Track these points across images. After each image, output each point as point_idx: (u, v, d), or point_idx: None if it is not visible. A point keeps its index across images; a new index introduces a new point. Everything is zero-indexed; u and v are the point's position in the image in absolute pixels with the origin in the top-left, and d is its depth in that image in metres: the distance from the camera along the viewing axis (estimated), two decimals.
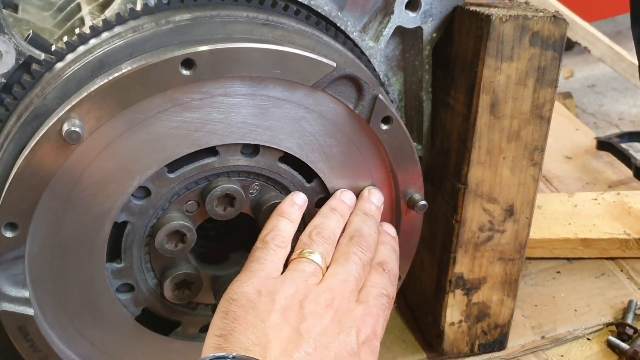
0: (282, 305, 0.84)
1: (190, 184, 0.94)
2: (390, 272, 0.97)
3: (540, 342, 1.31)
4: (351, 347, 0.84)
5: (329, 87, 0.91)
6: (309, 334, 0.82)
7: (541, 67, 1.06)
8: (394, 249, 1.02)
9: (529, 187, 1.14)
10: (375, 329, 0.89)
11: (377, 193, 1.03)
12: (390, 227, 1.06)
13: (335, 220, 0.98)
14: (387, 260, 0.98)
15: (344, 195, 1.01)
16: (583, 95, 2.79)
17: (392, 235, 1.04)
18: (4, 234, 0.84)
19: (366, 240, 0.96)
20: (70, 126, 0.78)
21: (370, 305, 0.90)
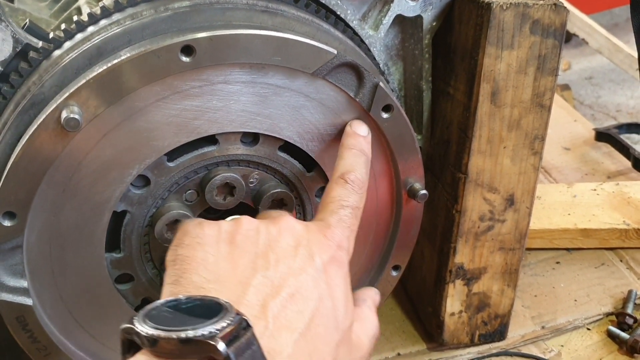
0: (229, 234, 0.78)
1: (189, 173, 0.93)
2: (354, 182, 0.88)
3: (541, 332, 1.31)
4: (314, 266, 0.76)
5: (329, 75, 0.90)
6: (265, 259, 0.75)
7: (542, 56, 1.05)
8: (362, 151, 0.93)
9: (530, 176, 1.14)
10: (339, 242, 0.81)
11: (360, 124, 0.95)
12: (360, 125, 0.96)
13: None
14: (349, 170, 0.89)
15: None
16: (580, 87, 2.79)
17: (361, 134, 0.95)
18: (2, 223, 0.83)
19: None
20: (69, 113, 0.77)
21: (329, 221, 0.83)
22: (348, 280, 0.81)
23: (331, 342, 0.73)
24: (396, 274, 1.13)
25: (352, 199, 0.87)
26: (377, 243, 1.11)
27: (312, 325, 0.71)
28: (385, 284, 1.14)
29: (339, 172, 0.89)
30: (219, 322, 0.60)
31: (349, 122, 0.95)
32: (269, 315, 0.68)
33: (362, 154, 0.92)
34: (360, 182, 0.89)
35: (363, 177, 0.90)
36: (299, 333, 0.69)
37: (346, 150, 0.92)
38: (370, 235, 1.09)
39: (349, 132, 0.94)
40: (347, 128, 0.95)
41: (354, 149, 0.92)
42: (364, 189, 0.90)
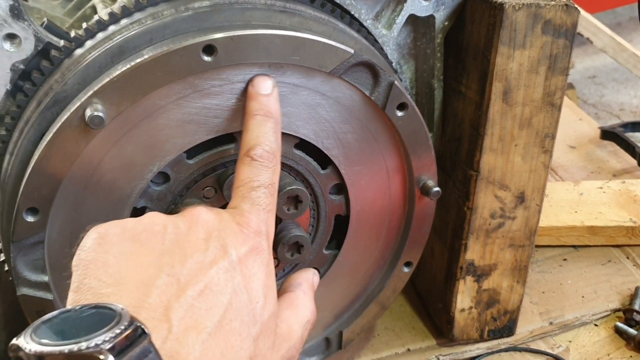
0: (133, 232, 0.72)
1: (207, 170, 0.95)
2: (262, 157, 0.81)
3: (549, 328, 1.33)
4: (227, 258, 0.71)
5: (345, 74, 0.92)
6: (171, 255, 0.69)
7: (553, 55, 1.07)
8: (268, 113, 0.84)
9: (540, 174, 1.16)
10: (256, 229, 0.75)
11: (262, 80, 0.86)
12: (262, 81, 0.86)
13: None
14: (255, 143, 0.81)
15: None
16: (584, 87, 2.80)
17: (263, 93, 0.86)
18: (26, 218, 0.85)
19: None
20: (93, 111, 0.79)
21: (242, 208, 0.77)
22: (270, 266, 0.75)
23: (248, 336, 0.69)
24: (408, 270, 1.15)
25: (263, 176, 0.80)
26: (389, 239, 1.12)
27: (225, 321, 0.67)
28: (397, 280, 1.16)
29: (245, 149, 0.82)
30: (108, 332, 0.55)
31: (252, 78, 0.85)
32: (172, 317, 0.63)
33: (268, 118, 0.84)
34: (269, 155, 0.81)
35: (272, 146, 0.82)
36: (208, 332, 0.64)
37: (250, 118, 0.84)
38: (382, 231, 1.11)
39: (251, 93, 0.85)
40: (249, 88, 0.86)
41: (258, 114, 0.84)
42: (275, 160, 0.82)
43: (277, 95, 0.87)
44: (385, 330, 1.36)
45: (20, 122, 0.90)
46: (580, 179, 1.75)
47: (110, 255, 0.69)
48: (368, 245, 1.12)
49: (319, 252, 1.10)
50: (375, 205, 1.08)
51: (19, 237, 0.86)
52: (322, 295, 1.14)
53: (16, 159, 0.88)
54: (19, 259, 0.88)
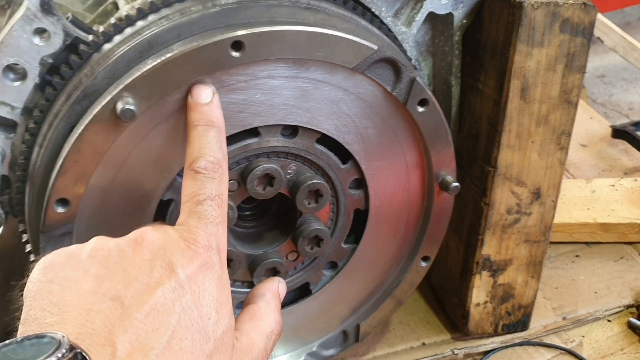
0: (76, 259, 0.71)
1: (231, 164, 0.96)
2: (206, 168, 0.79)
3: (562, 323, 1.34)
4: (175, 277, 0.70)
5: (368, 70, 0.93)
6: (114, 279, 0.68)
7: (570, 53, 1.08)
8: (209, 122, 0.83)
9: (556, 170, 1.17)
10: (205, 244, 0.74)
11: (201, 90, 0.84)
12: (201, 90, 0.84)
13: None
14: (197, 155, 0.80)
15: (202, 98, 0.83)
16: (593, 86, 2.81)
17: (203, 102, 0.84)
18: (55, 210, 0.86)
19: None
20: (125, 104, 0.80)
21: (189, 224, 0.75)
22: (223, 280, 0.75)
23: (201, 354, 0.68)
24: (425, 264, 1.17)
25: (209, 188, 0.78)
26: (407, 234, 1.14)
27: (174, 341, 0.66)
28: (414, 274, 1.17)
29: (188, 162, 0.80)
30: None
31: (190, 88, 0.84)
32: (117, 341, 0.63)
33: (210, 127, 0.82)
34: (213, 165, 0.79)
35: (216, 156, 0.80)
36: (156, 354, 0.64)
37: (191, 129, 0.82)
38: (401, 226, 1.13)
39: (191, 103, 0.84)
40: (188, 99, 0.84)
41: (199, 125, 0.82)
42: (220, 169, 0.80)
43: (217, 103, 0.85)
44: (400, 324, 1.37)
45: (49, 115, 0.91)
46: (592, 177, 1.76)
47: (54, 284, 0.68)
48: (386, 240, 1.14)
49: (337, 245, 1.11)
50: (394, 200, 1.09)
51: (49, 227, 0.88)
52: (340, 289, 1.16)
53: (45, 151, 0.90)
54: (47, 250, 0.89)
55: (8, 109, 0.93)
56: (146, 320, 0.66)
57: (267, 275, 1.07)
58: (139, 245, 0.72)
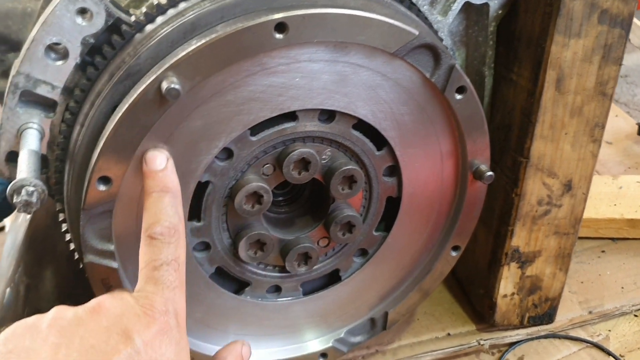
0: (32, 330, 0.74)
1: (268, 148, 0.97)
2: (162, 234, 0.81)
3: (588, 317, 1.34)
4: (131, 345, 0.72)
5: (408, 55, 0.94)
6: (70, 348, 0.71)
7: (607, 45, 1.08)
8: (164, 188, 0.84)
9: (588, 162, 1.17)
10: (162, 309, 0.77)
11: (154, 157, 0.86)
12: (154, 157, 0.86)
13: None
14: (153, 221, 0.81)
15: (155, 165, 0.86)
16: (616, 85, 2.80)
17: (157, 169, 0.85)
18: (97, 187, 0.87)
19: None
20: (170, 83, 0.81)
21: (146, 290, 0.78)
22: (182, 343, 0.78)
23: None
24: (455, 254, 1.17)
25: (165, 253, 0.80)
26: (438, 223, 1.14)
27: None
28: (444, 263, 1.18)
29: (144, 229, 0.82)
30: None
31: (144, 155, 0.86)
32: None
33: (165, 193, 0.84)
34: (169, 230, 0.81)
35: (172, 221, 0.82)
36: None
37: (147, 196, 0.84)
38: (433, 215, 1.13)
39: (145, 171, 0.86)
40: (143, 167, 0.86)
41: (154, 192, 0.84)
42: (177, 234, 0.82)
43: (172, 168, 0.86)
44: (425, 315, 1.38)
45: (91, 95, 0.92)
46: (618, 174, 1.75)
47: (13, 354, 0.70)
48: (417, 228, 1.14)
49: (369, 233, 1.12)
50: (427, 189, 1.10)
51: (90, 205, 0.89)
52: (370, 276, 1.17)
53: (87, 130, 0.91)
54: (87, 227, 0.91)
55: (49, 88, 0.94)
56: None
57: (299, 260, 1.07)
58: (96, 314, 0.75)
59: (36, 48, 0.90)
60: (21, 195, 0.83)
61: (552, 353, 1.27)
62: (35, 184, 0.84)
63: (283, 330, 1.16)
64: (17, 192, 0.83)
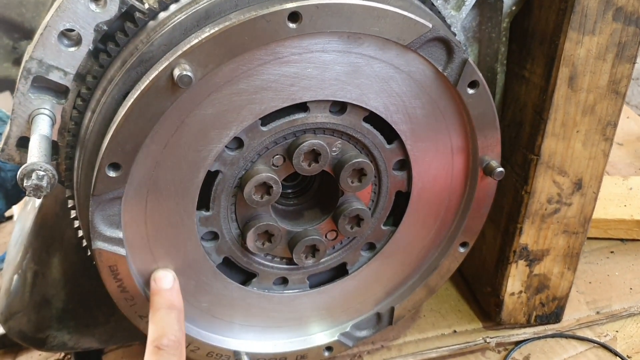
0: None
1: (278, 139, 0.97)
2: (168, 346, 0.91)
3: (595, 317, 1.33)
4: None
5: (421, 48, 0.93)
6: None
7: (622, 43, 1.07)
8: (171, 306, 0.96)
9: (599, 161, 1.16)
10: None
11: (163, 276, 0.99)
12: (163, 276, 0.99)
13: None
14: (160, 335, 0.92)
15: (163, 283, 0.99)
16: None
17: (166, 287, 0.98)
18: (107, 173, 0.87)
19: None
20: (182, 70, 0.81)
21: None
22: None
23: None
24: (463, 250, 1.16)
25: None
26: (447, 219, 1.14)
27: None
28: (451, 259, 1.17)
29: (150, 340, 0.92)
30: None
31: (152, 275, 0.98)
32: None
33: (172, 309, 0.95)
34: (174, 343, 0.91)
35: (177, 335, 0.93)
36: None
37: (155, 311, 0.95)
38: (442, 210, 1.13)
39: (154, 289, 0.98)
40: (151, 284, 0.98)
41: (162, 308, 0.95)
42: (180, 347, 0.92)
43: (178, 288, 0.99)
44: (431, 312, 1.37)
45: (103, 81, 0.92)
46: (628, 175, 1.74)
47: None
48: (426, 224, 1.14)
49: (377, 227, 1.11)
50: (437, 184, 1.09)
51: (100, 191, 0.89)
52: (377, 270, 1.16)
53: (99, 116, 0.91)
54: (97, 213, 0.91)
55: (61, 74, 0.94)
56: None
57: (307, 252, 1.07)
58: None
59: (49, 34, 0.90)
60: (31, 179, 0.83)
61: (559, 352, 1.27)
62: (45, 169, 0.84)
63: (289, 323, 1.16)
64: (27, 176, 0.83)
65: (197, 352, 1.09)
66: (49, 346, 1.30)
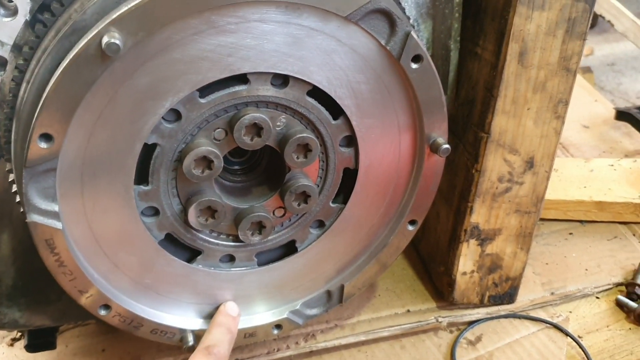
0: None
1: (219, 111, 0.95)
2: (217, 355, 1.01)
3: (550, 298, 1.33)
4: None
5: (362, 21, 0.92)
6: None
7: (571, 19, 1.06)
8: (229, 329, 1.08)
9: (551, 139, 1.15)
10: None
11: (233, 306, 1.12)
12: (233, 306, 1.12)
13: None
14: (215, 343, 1.03)
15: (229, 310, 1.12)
16: (602, 73, 2.79)
17: (231, 315, 1.11)
18: (39, 144, 0.85)
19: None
20: (110, 38, 0.79)
21: None
22: None
23: None
24: (412, 228, 1.16)
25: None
26: (396, 196, 1.13)
27: None
28: (401, 237, 1.16)
29: (205, 344, 1.02)
30: None
31: (224, 304, 1.12)
32: None
33: (229, 332, 1.07)
34: (222, 356, 1.01)
35: (226, 352, 1.03)
36: None
37: (215, 326, 1.07)
38: (390, 188, 1.12)
39: (222, 310, 1.11)
40: (221, 307, 1.11)
41: (223, 327, 1.07)
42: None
43: (239, 320, 1.12)
44: (386, 291, 1.37)
45: (38, 51, 0.90)
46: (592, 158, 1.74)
47: None
48: (374, 201, 1.13)
49: (325, 204, 1.10)
50: (385, 161, 1.08)
51: (32, 163, 0.87)
52: (326, 248, 1.16)
53: (32, 87, 0.89)
54: (30, 186, 0.89)
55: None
56: None
57: (253, 229, 1.06)
58: None
59: None
60: None
61: (511, 333, 1.27)
62: None
63: (237, 301, 1.15)
64: None
65: (140, 329, 1.08)
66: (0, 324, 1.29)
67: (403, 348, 1.26)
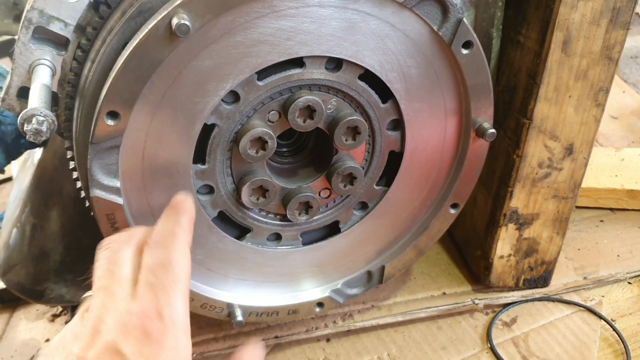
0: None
1: (274, 94, 0.98)
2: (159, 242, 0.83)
3: (582, 282, 1.36)
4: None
5: (416, 6, 0.95)
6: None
7: (616, 8, 1.08)
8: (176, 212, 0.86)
9: (590, 127, 1.18)
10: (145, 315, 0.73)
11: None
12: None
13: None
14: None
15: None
16: (625, 66, 2.79)
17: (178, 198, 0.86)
18: (106, 121, 0.89)
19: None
20: (180, 19, 0.82)
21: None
22: (181, 344, 0.74)
23: None
24: (454, 211, 1.19)
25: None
26: (438, 180, 1.16)
27: None
28: (442, 220, 1.19)
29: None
30: None
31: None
32: None
33: (175, 215, 0.86)
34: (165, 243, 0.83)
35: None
36: None
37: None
38: (433, 171, 1.14)
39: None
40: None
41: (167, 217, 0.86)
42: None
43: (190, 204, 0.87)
44: (421, 274, 1.40)
45: (103, 32, 0.93)
46: (621, 148, 1.76)
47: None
48: (417, 184, 1.16)
49: (370, 186, 1.13)
50: (430, 145, 1.11)
51: (98, 139, 0.90)
52: (368, 229, 1.19)
53: (98, 66, 0.92)
54: (95, 162, 0.93)
55: (61, 25, 0.95)
56: None
57: (300, 209, 1.09)
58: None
59: None
60: (32, 124, 0.85)
61: (545, 315, 1.30)
62: (45, 114, 0.86)
63: (282, 278, 1.18)
64: (27, 120, 0.85)
65: (191, 303, 1.11)
66: (47, 298, 1.33)
67: (440, 329, 1.29)
